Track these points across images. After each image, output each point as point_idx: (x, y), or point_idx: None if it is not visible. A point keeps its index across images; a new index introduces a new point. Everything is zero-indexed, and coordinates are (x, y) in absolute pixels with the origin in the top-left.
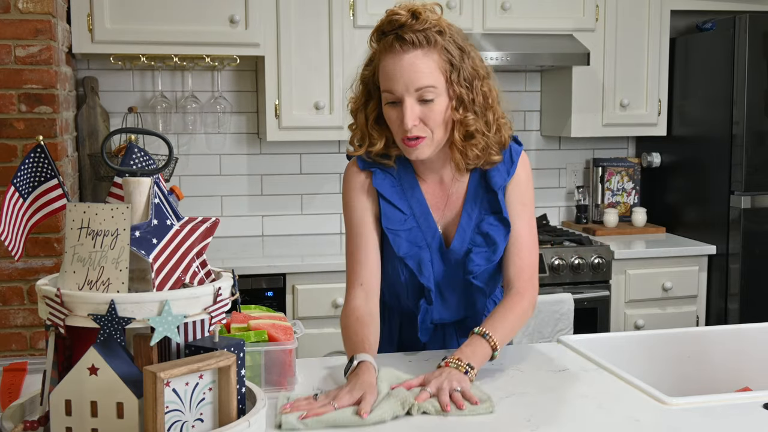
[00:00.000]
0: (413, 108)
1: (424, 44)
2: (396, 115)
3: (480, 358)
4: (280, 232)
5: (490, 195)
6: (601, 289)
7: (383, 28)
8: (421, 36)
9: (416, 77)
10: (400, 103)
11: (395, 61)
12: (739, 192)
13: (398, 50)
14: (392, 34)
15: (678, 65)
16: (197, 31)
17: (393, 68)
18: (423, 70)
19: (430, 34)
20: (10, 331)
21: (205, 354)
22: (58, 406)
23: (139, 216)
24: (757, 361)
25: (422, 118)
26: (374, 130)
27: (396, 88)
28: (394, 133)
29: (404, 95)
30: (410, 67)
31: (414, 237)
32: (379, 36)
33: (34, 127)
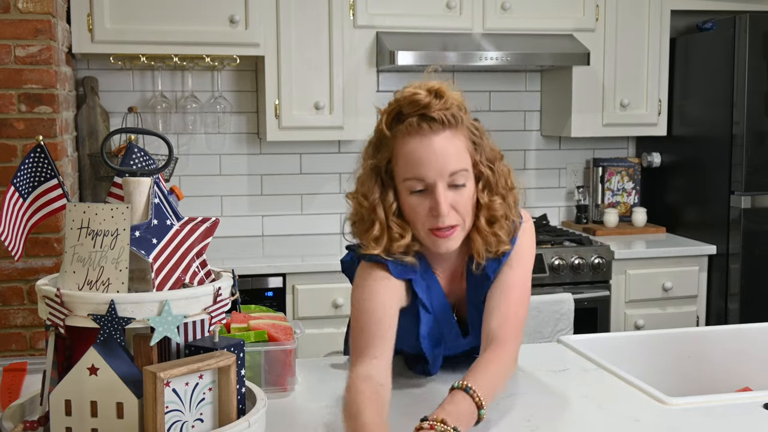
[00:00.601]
0: (446, 194)
1: (452, 124)
2: (422, 205)
3: (466, 418)
4: (280, 232)
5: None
6: (601, 289)
7: (402, 110)
8: (448, 114)
9: (449, 161)
10: (426, 192)
11: (425, 144)
12: (739, 192)
13: (427, 131)
14: (415, 116)
15: (678, 65)
16: (197, 31)
17: (423, 152)
18: (454, 152)
19: (456, 112)
20: (10, 331)
21: (205, 354)
22: (58, 406)
23: (139, 216)
24: (757, 361)
25: (453, 205)
26: (395, 225)
27: (427, 174)
28: (419, 224)
29: (436, 181)
30: (442, 149)
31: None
32: (396, 119)
33: (34, 127)
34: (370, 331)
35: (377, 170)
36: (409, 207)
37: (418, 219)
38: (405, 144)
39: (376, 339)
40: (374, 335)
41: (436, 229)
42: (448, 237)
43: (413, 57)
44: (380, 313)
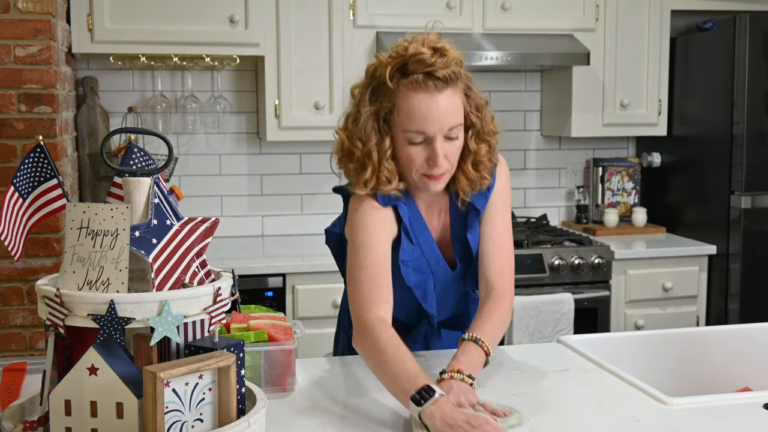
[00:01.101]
0: (443, 147)
1: (455, 81)
2: (419, 154)
3: (477, 366)
4: (280, 232)
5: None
6: (601, 289)
7: (407, 66)
8: (450, 72)
9: (450, 118)
10: (423, 143)
11: (430, 101)
12: (739, 192)
13: (432, 89)
14: (421, 74)
15: (678, 65)
16: (197, 31)
17: (427, 109)
18: (456, 108)
19: (456, 70)
20: (9, 331)
21: (205, 354)
22: (57, 406)
23: (139, 216)
24: (757, 361)
25: (446, 155)
26: (387, 170)
27: (429, 129)
28: (413, 170)
29: (436, 135)
30: (444, 107)
31: (420, 265)
32: (401, 74)
33: (33, 127)
34: (376, 269)
35: (376, 117)
36: (406, 155)
37: (414, 165)
38: (409, 98)
39: (381, 278)
40: (380, 274)
41: (429, 175)
42: (438, 180)
43: None
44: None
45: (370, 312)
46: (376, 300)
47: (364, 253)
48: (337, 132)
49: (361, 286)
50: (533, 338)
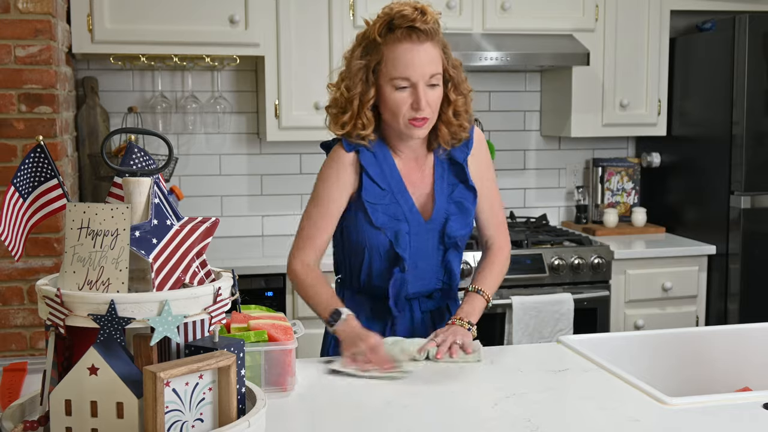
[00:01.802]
0: (426, 92)
1: (433, 36)
2: (405, 100)
3: (477, 312)
4: (280, 232)
5: (455, 167)
6: (601, 289)
7: (394, 22)
8: (430, 28)
9: (431, 65)
10: (407, 89)
11: (413, 50)
12: (739, 192)
13: (415, 40)
14: (405, 27)
15: (678, 65)
16: (197, 31)
17: (411, 57)
18: (435, 59)
19: (435, 27)
20: (10, 331)
21: (205, 354)
22: (58, 406)
23: (139, 216)
24: (757, 361)
25: (428, 101)
26: (365, 117)
27: (413, 74)
28: (398, 116)
29: (419, 80)
30: (426, 55)
31: (392, 211)
32: (387, 28)
33: (34, 127)
34: (316, 221)
35: (366, 69)
36: (392, 101)
37: (400, 111)
38: (395, 49)
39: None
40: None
41: (413, 120)
42: (422, 126)
43: None
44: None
45: (296, 257)
46: (306, 246)
47: (314, 204)
48: (328, 86)
49: (299, 234)
50: (533, 338)
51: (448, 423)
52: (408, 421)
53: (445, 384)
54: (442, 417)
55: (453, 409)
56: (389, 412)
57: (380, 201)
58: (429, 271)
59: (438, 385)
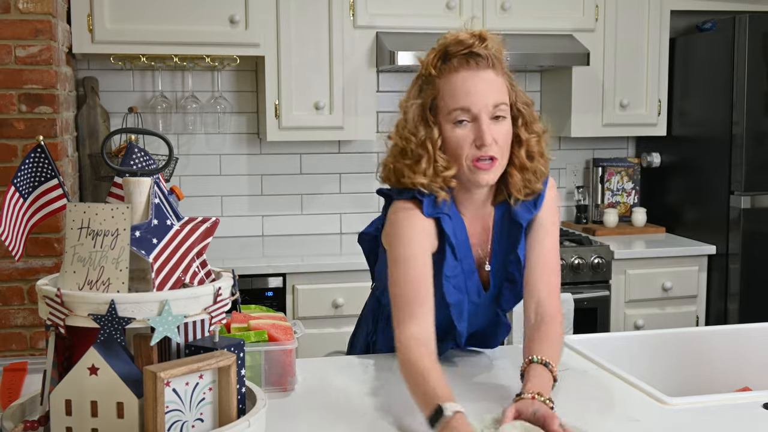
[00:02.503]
0: (490, 128)
1: (495, 64)
2: (467, 136)
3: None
4: (280, 232)
5: (513, 228)
6: (601, 289)
7: (448, 50)
8: (491, 54)
9: (493, 93)
10: (470, 124)
11: (473, 76)
12: (738, 192)
13: (473, 66)
14: (462, 55)
15: (678, 65)
16: (197, 31)
17: (470, 83)
18: (497, 87)
19: (498, 55)
20: (10, 331)
21: (205, 354)
22: (58, 406)
23: (139, 216)
24: (757, 361)
25: (494, 137)
26: (441, 159)
27: (474, 103)
28: (463, 156)
29: (481, 112)
30: (487, 81)
31: (459, 282)
32: (442, 59)
33: (34, 127)
34: (415, 285)
35: (423, 109)
36: (453, 139)
37: (462, 151)
38: (452, 78)
39: (421, 293)
40: (419, 290)
41: (478, 160)
42: (488, 169)
43: (413, 57)
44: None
45: (403, 331)
46: (412, 317)
47: (405, 268)
48: (390, 137)
49: (398, 303)
50: None
51: None
52: (408, 422)
53: None
54: None
55: None
56: (389, 412)
57: (454, 273)
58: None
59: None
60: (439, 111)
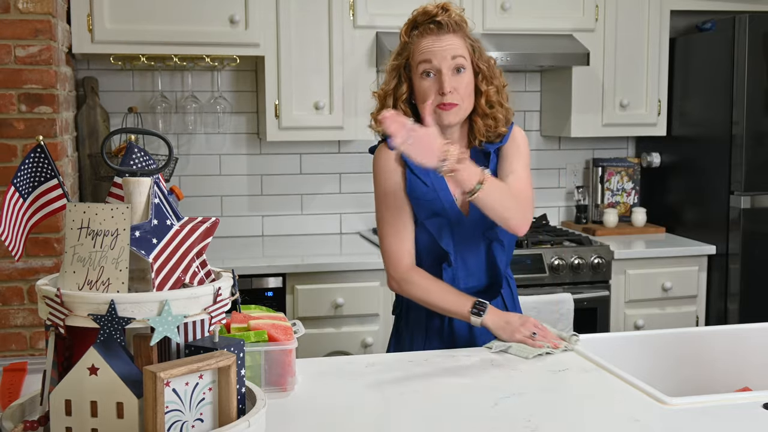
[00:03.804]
0: (451, 78)
1: (456, 29)
2: (431, 85)
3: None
4: (280, 232)
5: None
6: (600, 289)
7: (416, 20)
8: (452, 22)
9: (452, 48)
10: (434, 75)
11: (434, 38)
12: (738, 192)
13: (436, 31)
14: (428, 23)
15: (678, 65)
16: (197, 31)
17: (432, 44)
18: (456, 45)
19: (459, 22)
20: (10, 331)
21: (205, 354)
22: (58, 406)
23: (139, 216)
24: (757, 361)
25: (455, 87)
26: (402, 110)
27: (435, 55)
28: (428, 103)
29: (441, 64)
30: (447, 41)
31: (434, 206)
32: (413, 27)
33: (34, 127)
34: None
35: (397, 68)
36: (421, 90)
37: (428, 97)
38: (420, 41)
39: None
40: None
41: (441, 105)
42: (450, 110)
43: None
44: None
45: (399, 263)
46: (403, 251)
47: (382, 207)
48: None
49: (384, 239)
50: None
51: (447, 422)
52: (408, 421)
53: (445, 383)
54: (442, 416)
55: (453, 408)
56: (389, 411)
57: (424, 197)
58: (477, 267)
59: (438, 385)
60: (411, 69)
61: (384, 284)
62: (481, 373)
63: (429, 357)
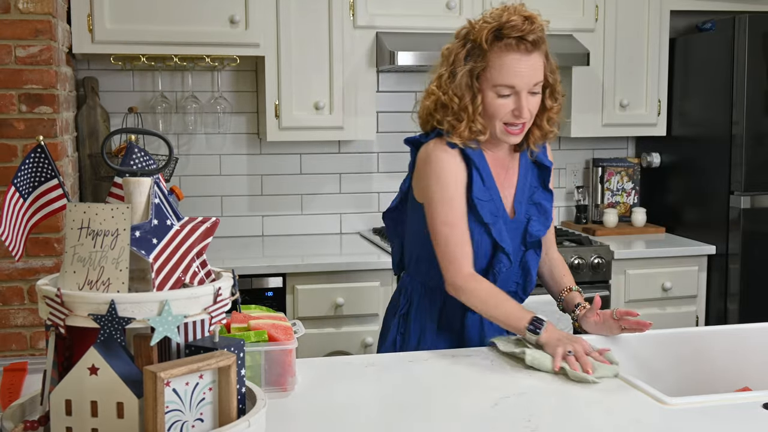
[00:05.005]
0: (527, 100)
1: (540, 45)
2: (506, 106)
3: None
4: (280, 232)
5: (541, 171)
6: (600, 289)
7: (502, 30)
8: (538, 38)
9: (536, 74)
10: (509, 96)
11: (521, 61)
12: (738, 192)
13: (522, 51)
14: (513, 38)
15: (678, 65)
16: (197, 31)
17: (518, 66)
18: (539, 69)
19: (542, 35)
20: (10, 331)
21: (205, 354)
22: (58, 406)
23: (139, 216)
24: (757, 361)
25: (529, 108)
26: (480, 123)
27: (519, 83)
28: (497, 120)
29: (523, 90)
30: (533, 65)
31: (492, 208)
32: (495, 37)
33: (34, 127)
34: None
35: (470, 75)
36: (494, 106)
37: (499, 116)
38: (503, 57)
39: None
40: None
41: (512, 125)
42: (518, 134)
43: (413, 57)
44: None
45: (461, 269)
46: (465, 256)
47: (447, 209)
48: (431, 90)
49: (449, 243)
50: None
51: (447, 423)
52: (407, 421)
53: (445, 384)
54: (442, 417)
55: (453, 409)
56: (389, 411)
57: (485, 198)
58: (509, 272)
59: (438, 385)
60: (485, 80)
61: (384, 284)
62: (481, 373)
63: (429, 357)
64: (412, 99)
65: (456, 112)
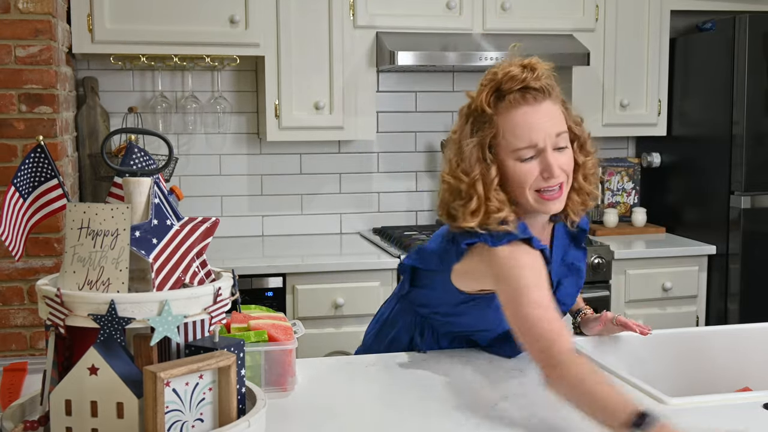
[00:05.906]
0: (555, 157)
1: (550, 92)
2: (532, 170)
3: None
4: (280, 232)
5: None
6: (601, 289)
7: (501, 88)
8: (545, 84)
9: (555, 123)
10: (534, 158)
11: (533, 112)
12: (739, 192)
13: (531, 101)
14: (516, 91)
15: (678, 65)
16: (197, 31)
17: (532, 118)
18: (557, 116)
19: (550, 82)
20: (10, 331)
21: (205, 354)
22: (58, 406)
23: (139, 216)
24: (757, 361)
25: (560, 166)
26: (496, 200)
27: (538, 137)
28: (527, 187)
29: (546, 144)
30: (548, 114)
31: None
32: (497, 97)
33: (34, 127)
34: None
35: (480, 147)
36: (519, 174)
37: (527, 182)
38: (511, 116)
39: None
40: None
41: (545, 190)
42: (556, 198)
43: (413, 57)
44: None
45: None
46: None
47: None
48: (442, 177)
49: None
50: None
51: (448, 422)
52: (408, 421)
53: (445, 383)
54: (442, 417)
55: (452, 409)
56: (389, 412)
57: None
58: None
59: (438, 385)
60: (501, 149)
61: (384, 284)
62: (482, 373)
63: (429, 357)
64: (413, 99)
65: (465, 190)
